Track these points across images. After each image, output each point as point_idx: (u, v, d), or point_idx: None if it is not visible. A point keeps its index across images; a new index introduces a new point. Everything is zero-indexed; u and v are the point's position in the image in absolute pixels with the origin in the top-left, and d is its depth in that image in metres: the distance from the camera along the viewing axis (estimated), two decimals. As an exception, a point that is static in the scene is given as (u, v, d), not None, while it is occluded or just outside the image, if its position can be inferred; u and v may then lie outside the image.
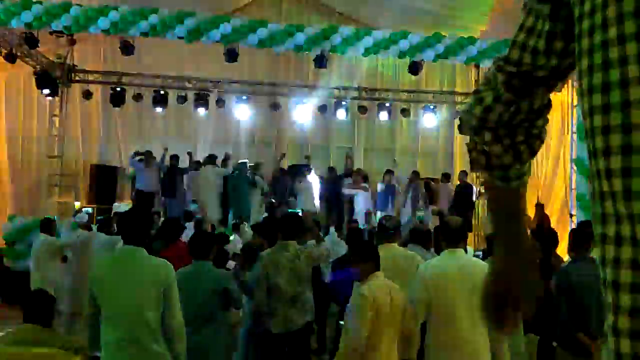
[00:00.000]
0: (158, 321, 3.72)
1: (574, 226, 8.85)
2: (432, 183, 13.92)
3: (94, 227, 9.28)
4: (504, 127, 1.27)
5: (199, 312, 4.57)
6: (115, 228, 8.30)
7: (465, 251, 4.55)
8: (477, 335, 4.05)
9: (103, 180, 14.08)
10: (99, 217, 11.01)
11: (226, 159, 13.43)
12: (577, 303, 4.41)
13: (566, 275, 4.60)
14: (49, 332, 4.46)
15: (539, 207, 11.98)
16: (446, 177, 14.04)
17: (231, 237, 9.18)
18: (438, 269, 4.33)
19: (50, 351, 4.26)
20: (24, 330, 4.43)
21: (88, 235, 8.47)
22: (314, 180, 13.73)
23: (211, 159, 13.09)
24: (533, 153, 1.31)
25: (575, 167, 12.50)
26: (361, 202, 13.16)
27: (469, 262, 4.34)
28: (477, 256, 6.71)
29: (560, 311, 4.48)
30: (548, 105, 1.28)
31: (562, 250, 6.63)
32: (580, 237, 4.77)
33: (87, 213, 9.53)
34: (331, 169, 14.27)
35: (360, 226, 10.68)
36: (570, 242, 4.87)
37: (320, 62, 12.46)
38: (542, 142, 1.31)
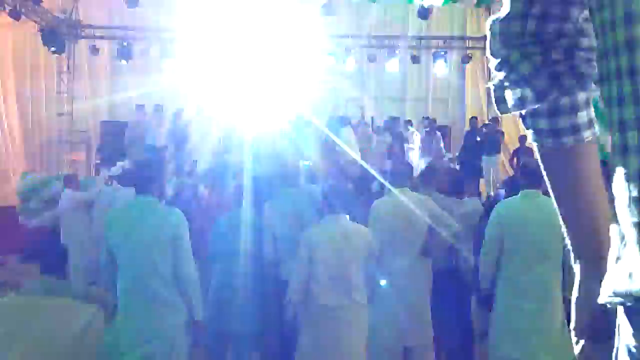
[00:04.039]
0: (170, 269, 3.73)
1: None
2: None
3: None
4: (534, 43, 1.00)
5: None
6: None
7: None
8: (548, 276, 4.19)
9: (113, 136, 14.04)
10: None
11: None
12: None
13: None
14: (63, 283, 4.52)
15: None
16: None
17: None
18: (515, 208, 4.47)
19: (65, 301, 4.33)
20: (39, 282, 4.49)
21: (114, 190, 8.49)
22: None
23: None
24: (580, 80, 1.00)
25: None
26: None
27: (547, 202, 4.38)
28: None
29: None
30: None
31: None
32: None
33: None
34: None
35: None
36: None
37: (328, 9, 12.25)
38: (593, 68, 0.99)
